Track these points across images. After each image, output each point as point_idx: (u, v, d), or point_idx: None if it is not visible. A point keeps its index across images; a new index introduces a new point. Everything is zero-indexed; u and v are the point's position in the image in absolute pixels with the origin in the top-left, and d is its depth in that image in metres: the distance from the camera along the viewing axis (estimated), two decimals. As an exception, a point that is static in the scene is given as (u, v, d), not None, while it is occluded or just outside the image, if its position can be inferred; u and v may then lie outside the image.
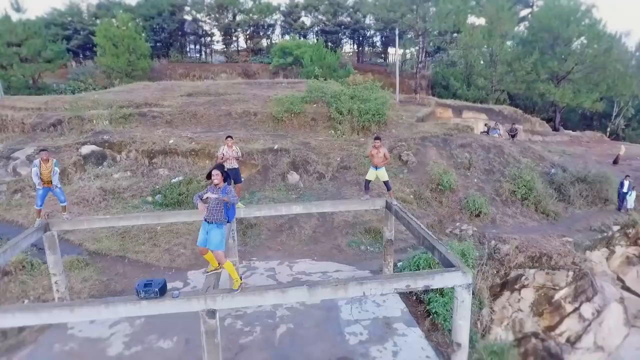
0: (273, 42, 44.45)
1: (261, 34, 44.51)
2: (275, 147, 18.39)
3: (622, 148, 25.31)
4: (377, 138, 9.73)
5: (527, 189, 16.63)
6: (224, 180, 6.04)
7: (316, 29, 43.80)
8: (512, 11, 39.72)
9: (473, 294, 10.79)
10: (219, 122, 20.89)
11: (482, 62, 34.95)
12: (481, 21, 38.87)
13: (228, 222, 6.24)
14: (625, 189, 17.44)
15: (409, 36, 35.83)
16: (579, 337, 14.07)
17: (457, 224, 15.14)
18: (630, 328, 16.10)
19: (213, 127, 20.47)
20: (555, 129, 35.96)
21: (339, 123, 20.85)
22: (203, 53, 44.89)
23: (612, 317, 14.87)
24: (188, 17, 42.41)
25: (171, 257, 12.17)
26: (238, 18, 42.71)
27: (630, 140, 36.94)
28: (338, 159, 18.43)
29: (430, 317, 9.56)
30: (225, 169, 8.75)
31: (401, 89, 33.63)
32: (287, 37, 44.02)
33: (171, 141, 17.83)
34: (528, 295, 13.96)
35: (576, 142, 33.57)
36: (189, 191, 15.48)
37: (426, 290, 10.09)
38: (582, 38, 34.45)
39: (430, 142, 19.46)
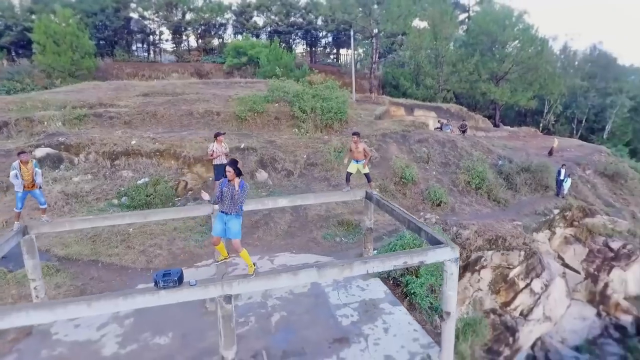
0: (225, 41, 43.86)
1: (213, 33, 43.74)
2: (242, 146, 18.45)
3: (556, 141, 28.11)
4: (355, 133, 10.31)
5: (480, 179, 18.11)
6: (237, 175, 6.27)
7: (269, 29, 43.83)
8: (452, 15, 42.43)
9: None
10: (180, 122, 20.51)
11: (429, 63, 36.95)
12: (427, 24, 41.10)
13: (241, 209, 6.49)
14: (562, 177, 19.54)
15: (362, 38, 37.07)
16: (530, 310, 15.66)
17: (421, 213, 16.18)
18: (571, 300, 18.11)
19: (175, 127, 20.08)
20: (495, 125, 38.92)
21: (302, 121, 21.31)
22: (151, 52, 43.26)
23: (557, 290, 16.69)
24: (134, 15, 40.69)
25: (147, 258, 11.97)
26: (188, 17, 41.69)
27: (559, 134, 40.86)
28: (304, 156, 18.88)
29: (408, 298, 10.37)
30: (215, 165, 8.98)
31: (355, 88, 34.75)
32: (239, 37, 43.68)
33: (133, 142, 17.30)
34: (486, 275, 15.30)
35: (514, 136, 36.59)
36: (157, 192, 15.23)
37: (403, 274, 10.91)
38: (517, 41, 37.59)
39: (391, 139, 20.49)
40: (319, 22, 43.05)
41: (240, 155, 18.05)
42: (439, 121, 27.50)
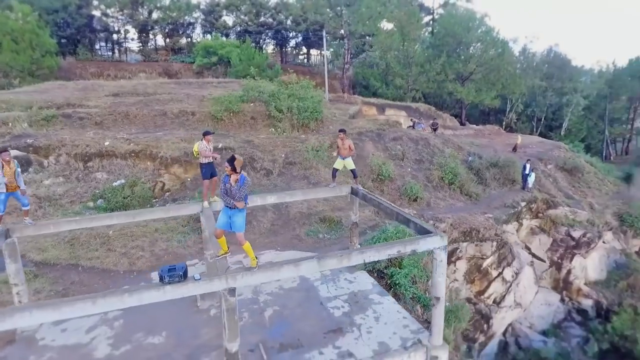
0: (194, 41, 43.14)
1: (181, 32, 42.90)
2: (220, 146, 18.33)
3: (519, 138, 29.61)
4: (341, 130, 10.59)
5: (453, 174, 18.88)
6: (233, 171, 6.36)
7: (238, 28, 43.47)
8: (418, 17, 43.71)
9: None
10: (154, 123, 20.12)
11: (398, 63, 37.89)
12: (395, 26, 42.09)
13: (245, 204, 6.58)
14: (527, 171, 20.68)
15: (334, 38, 37.50)
16: (502, 298, 16.51)
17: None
18: (538, 287, 19.21)
19: (149, 128, 19.67)
20: (462, 124, 40.42)
21: (279, 121, 21.40)
22: (116, 51, 41.86)
23: (526, 278, 17.67)
24: (97, 12, 39.28)
25: (130, 260, 11.76)
26: (154, 15, 40.69)
27: (521, 131, 42.90)
28: (283, 156, 19.00)
29: (392, 289, 10.78)
30: (201, 163, 9.00)
31: (327, 88, 35.15)
32: (208, 36, 43.07)
33: (107, 143, 16.84)
34: (462, 266, 16.01)
35: (480, 134, 38.16)
36: (135, 194, 14.95)
37: (387, 266, 11.31)
38: (480, 43, 39.22)
39: (367, 137, 20.96)
40: (289, 22, 43.13)
41: (202, 156, 17.94)
42: (411, 120, 28.32)
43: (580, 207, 22.06)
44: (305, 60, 49.53)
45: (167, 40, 42.03)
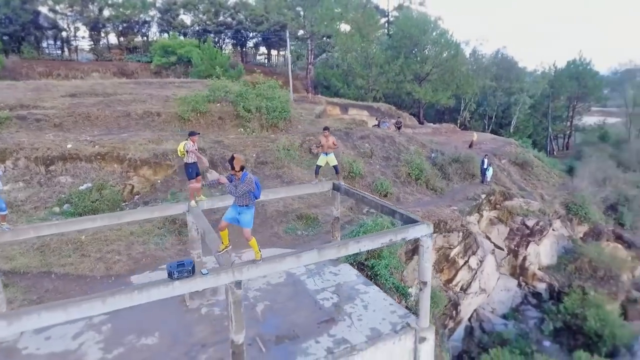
0: (150, 40, 41.75)
1: (135, 30, 41.35)
2: (189, 146, 18.06)
3: (475, 135, 31.35)
4: (325, 128, 10.92)
5: (419, 170, 19.78)
6: (233, 169, 6.48)
7: (197, 28, 42.58)
8: (375, 19, 44.98)
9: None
10: (118, 124, 19.44)
11: (359, 64, 38.79)
12: (353, 27, 43.01)
13: (256, 198, 6.69)
14: (485, 166, 22.03)
15: (297, 39, 37.71)
16: (469, 285, 17.55)
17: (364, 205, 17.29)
18: (500, 274, 20.55)
19: (113, 129, 18.99)
20: (420, 122, 42.05)
21: (247, 121, 21.37)
22: (66, 50, 39.60)
23: (489, 265, 18.87)
24: (43, 9, 37.00)
25: (106, 265, 11.43)
26: (106, 12, 38.96)
27: (474, 129, 45.27)
28: (254, 155, 19.03)
29: (373, 280, 11.26)
30: (187, 163, 9.01)
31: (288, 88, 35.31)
32: (165, 35, 41.85)
33: (69, 145, 16.11)
34: (431, 257, 16.80)
35: (437, 132, 39.88)
36: (104, 197, 14.46)
37: (367, 258, 11.79)
38: (435, 45, 40.99)
39: (335, 136, 21.29)
40: (249, 22, 42.83)
41: (188, 156, 17.67)
42: (376, 119, 29.19)
43: (533, 198, 23.81)
44: (266, 60, 49.39)
45: (121, 38, 40.35)
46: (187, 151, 9.01)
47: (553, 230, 23.66)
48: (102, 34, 39.89)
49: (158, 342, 7.83)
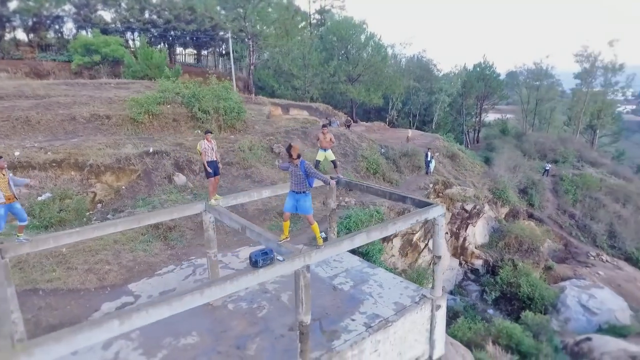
0: (67, 37, 38.01)
1: (47, 26, 37.32)
2: (150, 150, 17.38)
3: (409, 132, 34.04)
4: (324, 125, 11.54)
5: (376, 165, 21.25)
6: (290, 157, 6.89)
7: (119, 25, 39.73)
8: (301, 22, 46.19)
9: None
10: (63, 128, 17.90)
11: (295, 66, 39.59)
12: (278, 29, 43.51)
13: (310, 187, 7.08)
14: (428, 158, 24.31)
15: (239, 39, 37.12)
16: (429, 266, 19.35)
17: (340, 198, 18.27)
18: (451, 256, 22.88)
19: (59, 135, 17.47)
20: (354, 121, 44.21)
21: (204, 122, 21.02)
22: (-40, 46, 34.26)
23: (445, 245, 20.95)
24: None
25: (98, 276, 10.82)
26: (12, 5, 34.66)
27: (401, 127, 48.83)
28: (218, 157, 18.83)
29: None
30: (206, 162, 9.12)
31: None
32: (83, 32, 38.37)
33: (17, 153, 14.58)
34: (397, 243, 18.35)
35: (370, 130, 42.24)
36: (69, 207, 13.46)
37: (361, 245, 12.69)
38: (365, 48, 43.42)
39: (294, 135, 22.02)
40: (178, 21, 41.12)
41: (151, 160, 17.03)
42: (326, 118, 30.20)
43: (467, 185, 26.79)
44: (196, 61, 47.79)
45: (31, 35, 36.15)
46: (202, 151, 9.07)
47: (484, 213, 26.88)
48: (8, 29, 35.35)
49: (199, 340, 7.89)
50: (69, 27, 38.27)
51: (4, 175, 6.92)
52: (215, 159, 9.32)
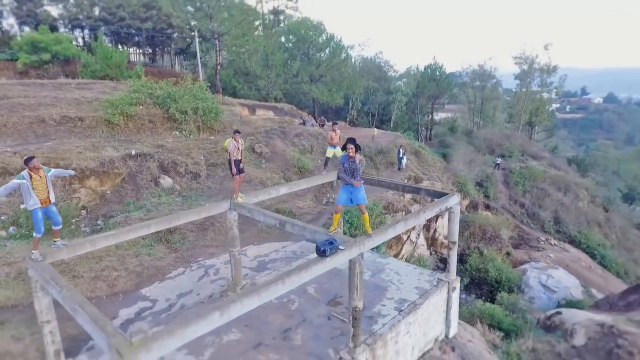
0: (4, 32, 34.97)
1: (-16, 21, 34.15)
2: (133, 152, 16.77)
3: (375, 130, 35.23)
4: (334, 123, 11.93)
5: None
6: (358, 151, 7.19)
7: (66, 22, 37.24)
8: (250, 21, 45.76)
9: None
10: (33, 131, 16.76)
11: (259, 66, 39.37)
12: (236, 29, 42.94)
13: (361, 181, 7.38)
14: (401, 155, 25.46)
15: (205, 39, 36.11)
16: (411, 255, 20.39)
17: (327, 195, 18.73)
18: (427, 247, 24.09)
19: (29, 138, 16.36)
20: (327, 122, 44.81)
21: (181, 123, 20.55)
22: None
23: (421, 238, 22.11)
24: None
25: (107, 283, 10.45)
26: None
27: (361, 126, 50.26)
28: (202, 158, 18.59)
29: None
30: (234, 160, 9.22)
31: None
32: (27, 28, 35.53)
33: (-10, 159, 13.51)
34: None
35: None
36: (62, 213, 12.70)
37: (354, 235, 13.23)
38: (325, 49, 44.15)
39: (274, 134, 22.13)
40: (132, 19, 39.33)
41: (134, 163, 16.45)
42: (300, 117, 30.44)
43: (434, 180, 28.34)
44: (151, 61, 45.88)
45: (-36, 30, 32.90)
46: (230, 150, 9.15)
47: (450, 205, 28.58)
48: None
49: (242, 335, 8.00)
50: (9, 23, 35.27)
51: (40, 177, 6.63)
52: (239, 158, 9.39)
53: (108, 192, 15.17)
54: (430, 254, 27.41)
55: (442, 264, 27.67)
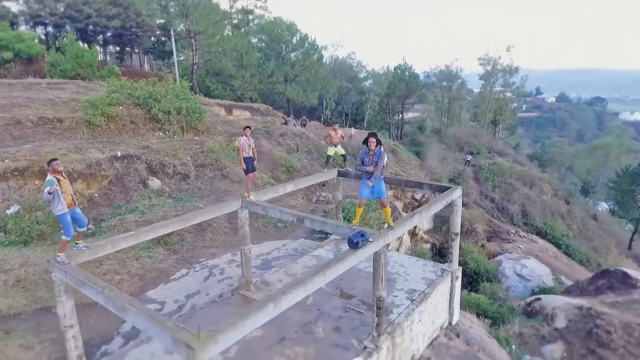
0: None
1: None
2: (119, 154, 16.30)
3: (353, 130, 35.73)
4: (335, 123, 12.15)
5: (342, 161, 22.18)
6: (377, 145, 7.41)
7: (27, 18, 35.34)
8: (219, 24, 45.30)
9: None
10: (10, 133, 15.95)
11: (234, 66, 38.98)
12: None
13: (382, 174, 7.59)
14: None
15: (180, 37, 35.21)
16: (397, 249, 20.94)
17: (317, 193, 18.95)
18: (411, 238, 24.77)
19: (6, 140, 15.61)
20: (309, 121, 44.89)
21: (164, 124, 20.14)
22: None
23: (406, 233, 22.72)
24: None
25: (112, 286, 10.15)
26: None
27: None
28: (189, 159, 18.32)
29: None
30: (245, 158, 9.27)
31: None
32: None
33: (-31, 162, 12.78)
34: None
35: (308, 128, 43.52)
36: (50, 219, 12.28)
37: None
38: (301, 50, 44.29)
39: (259, 134, 22.08)
40: (99, 16, 37.86)
41: (121, 165, 15.99)
42: (283, 117, 30.39)
43: (414, 177, 29.17)
44: (119, 59, 44.25)
45: None
46: (240, 147, 9.17)
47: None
48: None
49: (263, 331, 8.06)
50: (-36, 19, 32.97)
51: (64, 178, 6.49)
52: (251, 155, 9.42)
53: (96, 195, 14.69)
54: (411, 248, 28.24)
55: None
